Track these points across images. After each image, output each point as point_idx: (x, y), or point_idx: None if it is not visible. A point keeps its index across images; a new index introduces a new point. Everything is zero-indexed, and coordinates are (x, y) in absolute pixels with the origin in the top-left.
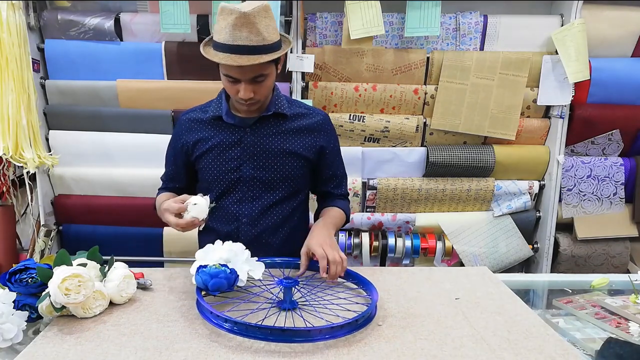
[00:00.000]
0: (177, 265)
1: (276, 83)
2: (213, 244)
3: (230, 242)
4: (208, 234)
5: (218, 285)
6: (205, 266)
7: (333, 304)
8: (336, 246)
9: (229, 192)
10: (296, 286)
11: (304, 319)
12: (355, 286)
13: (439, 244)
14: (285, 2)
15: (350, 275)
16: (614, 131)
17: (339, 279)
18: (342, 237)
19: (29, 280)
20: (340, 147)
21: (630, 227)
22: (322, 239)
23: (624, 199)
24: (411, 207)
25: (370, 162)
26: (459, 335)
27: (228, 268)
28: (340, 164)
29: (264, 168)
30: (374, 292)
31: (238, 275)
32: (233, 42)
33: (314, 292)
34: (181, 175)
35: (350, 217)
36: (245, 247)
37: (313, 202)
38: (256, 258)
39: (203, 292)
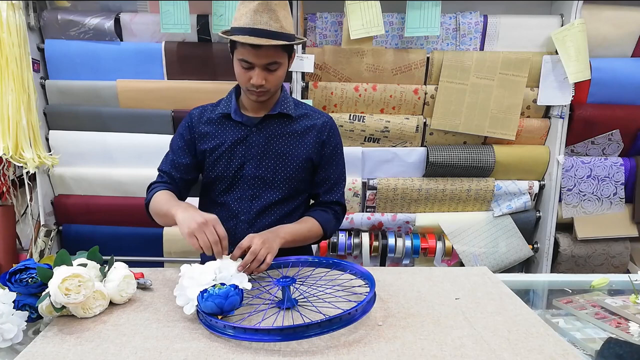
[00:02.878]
0: (177, 265)
1: (284, 84)
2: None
3: (210, 262)
4: None
5: (233, 303)
6: (205, 291)
7: (334, 296)
8: (271, 245)
9: (231, 190)
10: (293, 284)
11: (302, 315)
12: (353, 276)
13: (439, 244)
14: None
15: (347, 268)
16: (614, 131)
17: (336, 274)
18: (342, 237)
19: (29, 280)
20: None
21: (630, 227)
22: (263, 235)
23: (624, 199)
24: (411, 207)
25: (370, 162)
26: (459, 335)
27: (226, 285)
28: (337, 170)
29: (266, 168)
30: (371, 281)
31: (243, 290)
32: (253, 25)
33: (313, 289)
34: (185, 166)
35: (350, 217)
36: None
37: None
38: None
39: (219, 317)
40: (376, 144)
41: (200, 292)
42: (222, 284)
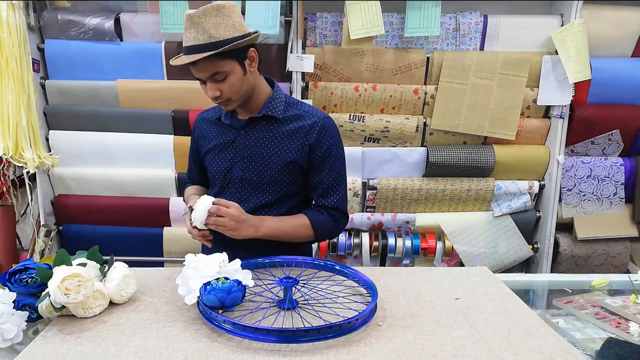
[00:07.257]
0: (177, 265)
1: (279, 84)
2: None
3: (216, 253)
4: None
5: (235, 299)
6: (208, 283)
7: (334, 302)
8: (239, 229)
9: (222, 193)
10: (296, 286)
11: (302, 318)
12: (356, 284)
13: (439, 244)
14: (285, 2)
15: (350, 275)
16: (614, 131)
17: (340, 278)
18: (342, 237)
19: (29, 280)
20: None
21: (630, 227)
22: (243, 219)
23: (624, 199)
24: (411, 207)
25: (370, 162)
26: (459, 335)
27: (230, 280)
28: (331, 173)
29: (252, 171)
30: (373, 291)
31: (245, 286)
32: (186, 43)
33: (314, 292)
34: (197, 172)
35: (350, 217)
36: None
37: None
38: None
39: (220, 311)
40: (376, 144)
41: (204, 284)
42: (226, 278)
